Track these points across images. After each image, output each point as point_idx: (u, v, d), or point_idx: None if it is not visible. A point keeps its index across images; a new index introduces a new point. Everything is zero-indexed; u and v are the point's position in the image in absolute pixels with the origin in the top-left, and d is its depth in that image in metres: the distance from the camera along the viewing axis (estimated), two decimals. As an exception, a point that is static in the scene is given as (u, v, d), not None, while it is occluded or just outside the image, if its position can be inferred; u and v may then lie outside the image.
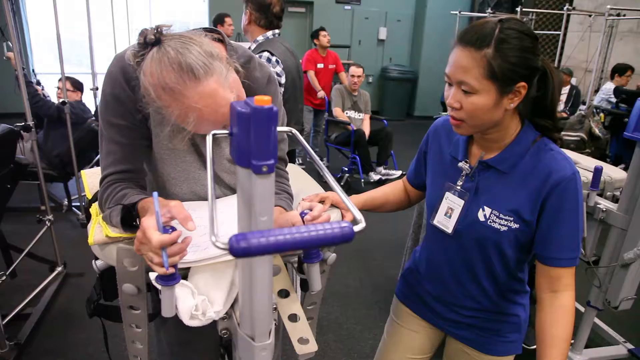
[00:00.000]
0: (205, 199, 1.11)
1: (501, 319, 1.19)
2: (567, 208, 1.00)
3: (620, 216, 1.93)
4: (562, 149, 1.06)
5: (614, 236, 1.97)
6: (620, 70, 5.12)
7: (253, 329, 0.68)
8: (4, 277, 2.28)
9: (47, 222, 2.69)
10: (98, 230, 0.98)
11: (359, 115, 5.03)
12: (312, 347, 0.96)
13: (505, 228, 1.05)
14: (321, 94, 5.29)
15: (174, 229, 0.79)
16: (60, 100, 3.21)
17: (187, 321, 0.85)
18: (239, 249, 0.43)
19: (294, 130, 0.75)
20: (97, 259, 0.98)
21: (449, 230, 1.13)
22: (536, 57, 0.97)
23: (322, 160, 5.59)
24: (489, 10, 6.15)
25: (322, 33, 5.37)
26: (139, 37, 0.87)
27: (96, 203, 1.09)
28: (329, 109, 5.10)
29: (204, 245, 0.91)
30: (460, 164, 1.12)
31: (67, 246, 3.05)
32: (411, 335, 1.34)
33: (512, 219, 1.04)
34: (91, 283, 1.05)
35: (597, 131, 4.49)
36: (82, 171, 1.31)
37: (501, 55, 0.92)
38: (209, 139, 0.69)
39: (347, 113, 5.00)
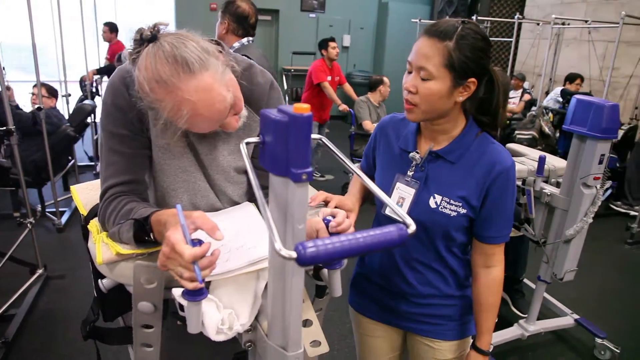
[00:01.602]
0: (204, 210, 1.06)
1: (454, 303, 1.27)
2: (507, 193, 1.13)
3: (562, 199, 2.19)
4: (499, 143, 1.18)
5: (558, 216, 2.23)
6: (571, 78, 5.55)
7: (286, 339, 0.65)
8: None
9: (28, 224, 2.74)
10: (105, 248, 0.93)
11: None
12: (324, 348, 0.96)
13: (455, 213, 1.14)
14: (343, 106, 5.02)
15: (201, 241, 0.76)
16: (36, 106, 3.25)
17: (214, 336, 0.83)
18: (307, 257, 0.43)
19: (324, 138, 0.74)
20: (101, 277, 0.94)
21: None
22: (488, 59, 1.08)
23: (324, 175, 5.42)
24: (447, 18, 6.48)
25: (332, 44, 5.00)
26: (135, 34, 0.87)
27: (94, 220, 1.04)
28: (355, 122, 4.86)
29: (224, 257, 0.88)
30: (411, 154, 1.18)
31: (45, 250, 3.08)
32: (377, 341, 1.39)
33: (460, 204, 1.13)
34: (72, 285, 1.05)
35: (547, 129, 4.84)
36: (72, 187, 1.23)
37: (460, 49, 1.02)
38: (243, 148, 0.66)
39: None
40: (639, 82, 5.47)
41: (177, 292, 0.80)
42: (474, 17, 5.79)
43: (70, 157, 4.18)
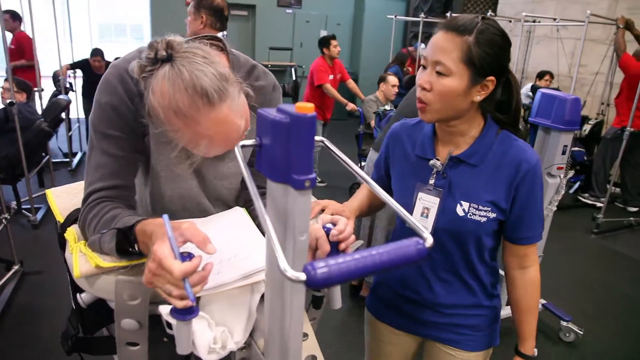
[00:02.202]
0: (198, 217, 1.01)
1: (481, 313, 1.21)
2: (535, 192, 1.07)
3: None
4: None
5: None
6: (540, 75, 5.73)
7: (285, 358, 0.60)
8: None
9: (3, 220, 2.72)
10: (83, 260, 0.85)
11: None
12: None
13: (485, 219, 1.07)
14: (351, 106, 4.81)
15: (190, 254, 0.70)
16: (8, 101, 3.21)
17: (205, 357, 0.77)
18: (318, 279, 0.39)
19: (326, 141, 0.69)
20: (80, 290, 0.87)
21: (428, 230, 1.13)
22: (507, 58, 1.03)
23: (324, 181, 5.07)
24: (422, 15, 6.60)
25: (334, 42, 4.81)
26: (149, 50, 0.81)
27: (72, 227, 0.98)
28: (363, 121, 4.65)
29: (215, 269, 0.79)
30: (431, 162, 1.12)
31: (20, 247, 3.06)
32: (392, 348, 1.34)
33: (489, 209, 1.07)
34: (49, 281, 0.98)
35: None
36: (47, 191, 1.15)
37: (480, 44, 0.97)
38: (238, 150, 0.60)
39: None
40: (605, 79, 5.68)
41: (164, 310, 0.72)
42: (447, 14, 5.91)
43: (44, 153, 4.13)
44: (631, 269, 3.75)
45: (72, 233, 0.95)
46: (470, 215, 1.08)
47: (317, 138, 0.65)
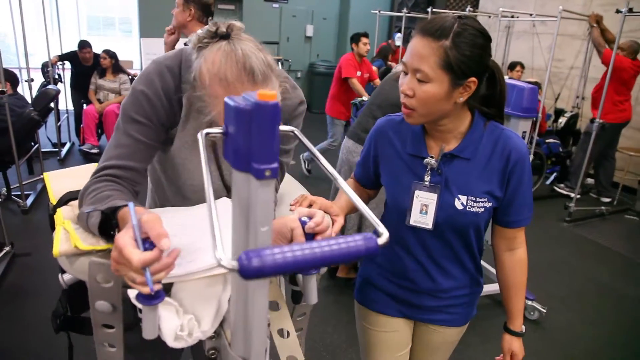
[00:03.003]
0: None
1: (472, 291, 1.28)
2: (524, 178, 1.12)
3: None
4: None
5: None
6: (512, 66, 5.83)
7: (248, 350, 0.60)
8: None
9: (-5, 203, 2.83)
10: (64, 238, 0.87)
11: None
12: None
13: (482, 210, 1.12)
14: None
15: (153, 243, 0.68)
16: (-1, 90, 3.31)
17: (171, 343, 0.78)
18: (251, 269, 0.38)
19: (297, 131, 0.71)
20: (63, 272, 0.89)
21: (429, 226, 1.16)
22: (488, 55, 1.03)
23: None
24: (405, 10, 6.75)
25: (364, 40, 4.72)
26: (211, 26, 0.90)
27: (61, 208, 1.01)
28: None
29: (189, 257, 0.80)
30: (426, 160, 1.14)
31: (11, 231, 3.16)
32: (391, 335, 1.36)
33: (486, 199, 1.12)
34: (39, 262, 0.98)
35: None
36: (45, 174, 1.19)
37: (457, 47, 0.96)
38: (201, 138, 0.60)
39: None
40: (580, 73, 5.88)
41: (132, 294, 0.72)
42: (429, 9, 6.07)
43: (33, 143, 4.22)
44: (599, 254, 3.94)
45: (60, 213, 0.98)
46: (469, 208, 1.12)
47: (286, 127, 0.70)
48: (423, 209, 1.15)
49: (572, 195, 4.62)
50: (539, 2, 6.61)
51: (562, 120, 5.64)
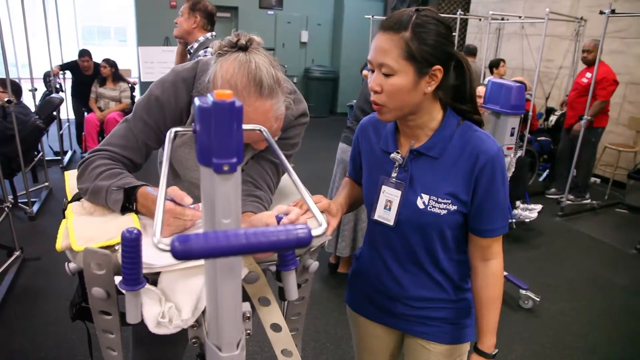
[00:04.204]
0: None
1: (450, 306, 1.21)
2: (495, 183, 1.05)
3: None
4: None
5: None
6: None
7: (220, 339, 0.63)
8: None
9: (5, 208, 2.92)
10: (66, 235, 0.94)
11: None
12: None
13: (445, 212, 1.08)
14: None
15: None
16: (5, 99, 3.41)
17: (153, 329, 0.82)
18: (178, 251, 0.42)
19: (264, 128, 0.75)
20: (69, 261, 0.95)
21: (391, 222, 1.14)
22: (450, 44, 1.02)
23: None
24: (397, 14, 6.87)
25: (502, 64, 5.23)
26: (233, 36, 1.00)
27: (72, 204, 1.07)
28: None
29: None
30: (392, 155, 1.13)
31: (19, 236, 3.25)
32: (373, 342, 1.35)
33: (449, 201, 1.07)
34: (47, 266, 1.02)
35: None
36: (66, 172, 1.27)
37: (417, 37, 0.97)
38: (168, 136, 0.68)
39: None
40: (569, 73, 6.03)
41: (117, 280, 0.79)
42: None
43: (36, 152, 4.32)
44: (590, 246, 4.07)
45: (70, 209, 1.04)
46: (430, 208, 1.08)
47: (255, 126, 0.78)
48: (387, 204, 1.14)
49: (562, 198, 4.68)
50: (527, 4, 6.77)
51: (553, 119, 5.76)
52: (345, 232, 2.99)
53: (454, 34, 5.80)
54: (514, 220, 3.98)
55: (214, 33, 2.80)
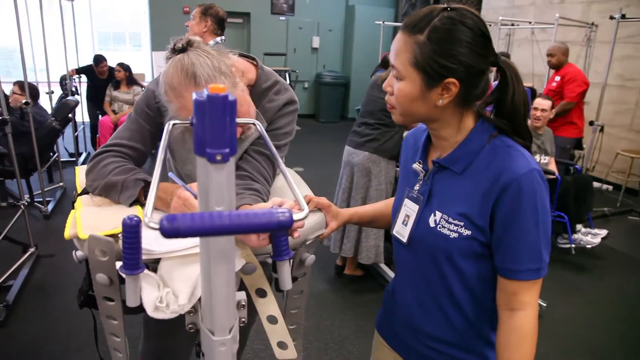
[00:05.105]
0: None
1: (466, 357, 1.03)
2: (522, 211, 0.86)
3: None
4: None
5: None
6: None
7: (213, 323, 0.66)
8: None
9: (21, 206, 3.01)
10: (74, 224, 0.98)
11: (544, 159, 3.82)
12: (291, 353, 0.95)
13: (455, 234, 0.93)
14: None
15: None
16: (23, 101, 3.51)
17: (151, 313, 0.85)
18: (166, 229, 0.44)
19: (257, 123, 0.77)
20: (77, 250, 0.98)
21: (404, 239, 1.03)
22: (474, 53, 0.86)
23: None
24: (408, 20, 6.92)
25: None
26: (171, 42, 1.05)
27: (81, 197, 1.12)
28: None
29: None
30: (414, 165, 1.04)
31: (34, 234, 3.33)
32: None
33: (462, 224, 0.92)
34: (61, 262, 1.06)
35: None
36: (76, 167, 1.33)
37: (430, 43, 0.85)
38: (167, 127, 0.71)
39: None
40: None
41: (117, 265, 0.84)
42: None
43: (52, 153, 4.43)
44: (601, 253, 4.01)
45: (79, 201, 1.10)
46: (439, 228, 0.95)
47: (249, 120, 0.81)
48: (405, 219, 1.03)
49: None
50: (538, 10, 6.76)
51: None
52: (351, 232, 3.02)
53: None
54: (573, 246, 3.57)
55: (223, 37, 2.88)
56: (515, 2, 7.16)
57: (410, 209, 1.02)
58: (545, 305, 2.95)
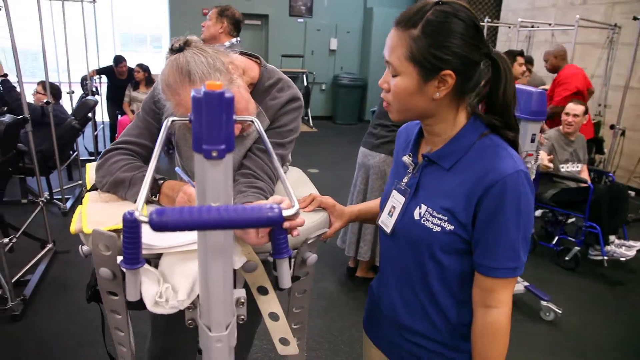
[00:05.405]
0: None
1: (444, 351, 1.03)
2: (504, 212, 0.88)
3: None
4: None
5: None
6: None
7: (209, 319, 0.66)
8: (10, 244, 2.66)
9: (40, 202, 3.08)
10: (79, 219, 0.99)
11: (576, 167, 3.71)
12: (292, 349, 0.95)
13: (438, 228, 0.94)
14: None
15: None
16: (45, 100, 3.60)
17: (151, 307, 0.85)
18: (157, 223, 0.44)
19: (255, 120, 0.78)
20: (83, 244, 0.99)
21: (388, 230, 1.05)
22: (469, 45, 0.87)
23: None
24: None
25: (520, 60, 4.06)
26: (170, 43, 1.09)
27: (89, 193, 1.15)
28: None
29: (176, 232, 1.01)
30: (404, 158, 1.06)
31: (52, 230, 3.41)
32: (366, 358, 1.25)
33: (446, 218, 0.93)
34: (77, 258, 1.08)
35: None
36: (87, 164, 1.34)
37: (426, 37, 0.86)
38: (165, 124, 0.72)
39: (562, 167, 3.68)
40: (601, 82, 5.89)
41: (118, 260, 0.85)
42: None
43: (72, 151, 4.53)
44: (634, 264, 3.89)
45: (87, 197, 1.12)
46: (423, 221, 0.96)
47: (247, 117, 0.83)
48: (391, 210, 1.05)
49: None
50: (560, 11, 6.65)
51: (585, 128, 5.63)
52: (367, 235, 3.00)
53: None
54: (606, 258, 3.42)
55: (239, 39, 2.91)
56: (536, 3, 7.06)
57: (397, 200, 1.04)
58: (560, 312, 2.88)
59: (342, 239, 3.19)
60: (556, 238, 3.75)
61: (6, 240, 2.56)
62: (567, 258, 3.56)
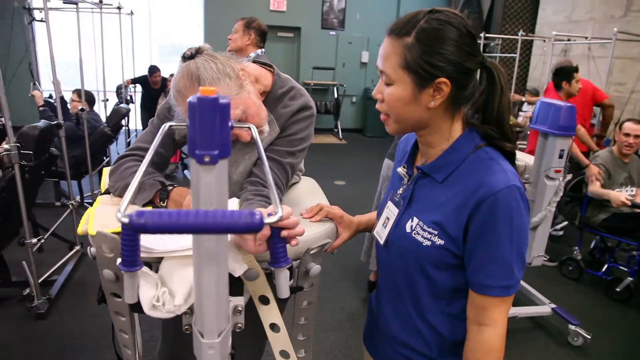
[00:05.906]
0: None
1: None
2: (496, 226, 0.85)
3: (529, 190, 2.49)
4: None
5: (524, 205, 2.52)
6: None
7: (202, 325, 0.65)
8: (38, 244, 2.75)
9: (70, 205, 3.19)
10: (87, 221, 1.00)
11: (631, 190, 3.43)
12: None
13: (428, 242, 0.92)
14: (594, 170, 3.39)
15: None
16: (79, 107, 3.74)
17: (148, 311, 0.86)
18: (136, 224, 0.44)
19: (252, 126, 0.77)
20: (91, 246, 1.00)
21: (382, 240, 1.04)
22: (463, 52, 0.86)
23: (574, 250, 3.62)
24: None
25: (577, 76, 3.59)
26: (183, 51, 1.12)
27: (101, 196, 1.17)
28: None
29: (175, 237, 0.89)
30: (399, 169, 1.05)
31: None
32: None
33: (436, 232, 0.91)
34: None
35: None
36: (104, 168, 1.36)
37: (419, 45, 0.85)
38: (162, 129, 0.72)
39: (617, 190, 3.36)
40: (642, 97, 5.67)
41: (117, 261, 0.83)
42: (482, 34, 6.10)
43: (104, 157, 4.67)
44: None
45: (98, 200, 1.14)
46: (414, 234, 0.95)
47: (244, 124, 0.85)
48: (385, 221, 1.04)
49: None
50: (598, 25, 6.46)
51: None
52: None
53: (514, 55, 5.57)
54: None
55: (263, 50, 2.95)
56: (573, 17, 6.88)
57: (391, 211, 1.03)
58: (589, 337, 2.74)
59: (367, 254, 3.15)
60: (605, 266, 3.48)
61: (35, 240, 2.64)
62: (618, 289, 3.31)
